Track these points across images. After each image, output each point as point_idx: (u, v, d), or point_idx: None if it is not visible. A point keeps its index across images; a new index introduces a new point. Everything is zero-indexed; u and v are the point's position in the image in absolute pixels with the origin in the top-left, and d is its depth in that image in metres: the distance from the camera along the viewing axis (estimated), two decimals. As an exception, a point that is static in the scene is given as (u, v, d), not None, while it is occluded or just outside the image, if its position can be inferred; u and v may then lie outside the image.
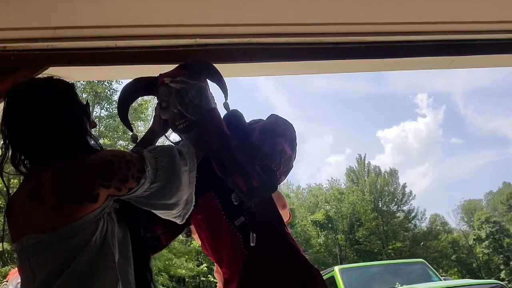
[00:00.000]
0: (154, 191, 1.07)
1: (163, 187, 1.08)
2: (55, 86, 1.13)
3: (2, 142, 1.10)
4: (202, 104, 1.34)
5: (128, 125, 1.53)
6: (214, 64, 1.45)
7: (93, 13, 1.62)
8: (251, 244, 1.28)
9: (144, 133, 1.52)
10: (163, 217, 1.17)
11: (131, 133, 1.50)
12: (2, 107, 1.11)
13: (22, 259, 0.98)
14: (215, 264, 1.52)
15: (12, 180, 17.21)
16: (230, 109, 1.41)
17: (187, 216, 1.18)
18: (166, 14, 1.67)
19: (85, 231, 0.96)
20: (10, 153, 1.09)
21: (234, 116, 1.42)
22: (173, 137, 1.57)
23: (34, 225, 0.97)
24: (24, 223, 0.99)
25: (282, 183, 1.51)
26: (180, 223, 1.21)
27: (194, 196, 1.19)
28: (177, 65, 1.47)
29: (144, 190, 1.06)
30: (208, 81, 1.44)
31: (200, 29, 1.72)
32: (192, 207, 1.20)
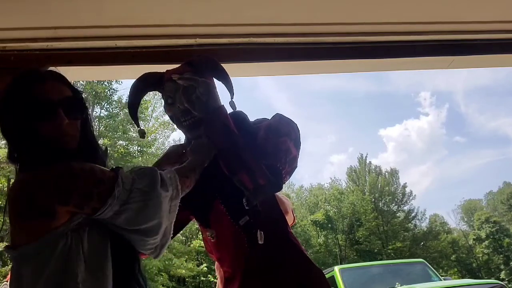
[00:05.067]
0: (126, 215, 0.98)
1: (136, 210, 0.98)
2: (12, 86, 1.07)
3: None
4: (209, 101, 1.33)
5: (136, 121, 1.53)
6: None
7: (93, 13, 1.62)
8: (260, 242, 1.28)
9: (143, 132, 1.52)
10: (140, 248, 1.06)
11: (138, 129, 1.51)
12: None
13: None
14: (216, 261, 1.53)
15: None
16: (236, 107, 1.41)
17: (163, 251, 1.11)
18: (166, 14, 1.67)
19: (47, 250, 0.90)
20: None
21: (239, 115, 1.42)
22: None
23: (9, 236, 0.96)
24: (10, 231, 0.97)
25: (286, 183, 1.51)
26: (155, 258, 1.15)
27: (172, 228, 1.10)
28: (177, 65, 1.47)
29: (113, 212, 0.97)
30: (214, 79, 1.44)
31: (200, 29, 1.72)
32: (170, 241, 1.11)
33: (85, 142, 1.09)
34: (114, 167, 1.06)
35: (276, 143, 1.31)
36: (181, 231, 1.86)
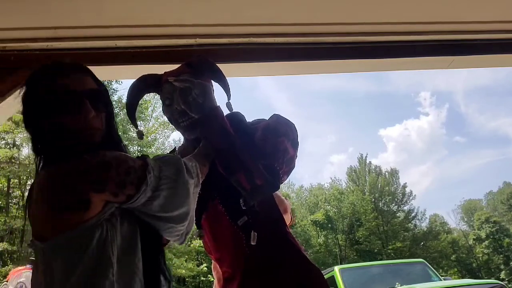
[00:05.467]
0: (158, 201, 0.98)
1: (167, 197, 0.99)
2: (36, 78, 1.05)
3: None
4: (205, 103, 1.33)
5: (134, 122, 1.54)
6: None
7: (93, 13, 1.62)
8: (252, 243, 1.28)
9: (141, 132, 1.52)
10: (166, 236, 1.07)
11: (136, 130, 1.51)
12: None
13: (35, 256, 0.94)
14: (213, 262, 1.53)
15: (12, 180, 17.23)
16: (233, 109, 1.42)
17: (188, 237, 1.12)
18: (166, 14, 1.67)
19: (81, 241, 0.88)
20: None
21: (236, 116, 1.43)
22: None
23: (35, 230, 0.92)
24: (31, 224, 0.94)
25: (283, 183, 1.51)
26: (179, 244, 1.15)
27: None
28: (177, 65, 1.47)
29: (146, 198, 0.97)
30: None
31: (200, 29, 1.72)
32: (193, 227, 1.12)
33: (109, 136, 1.08)
34: (139, 155, 1.06)
35: (274, 143, 1.31)
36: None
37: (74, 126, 0.99)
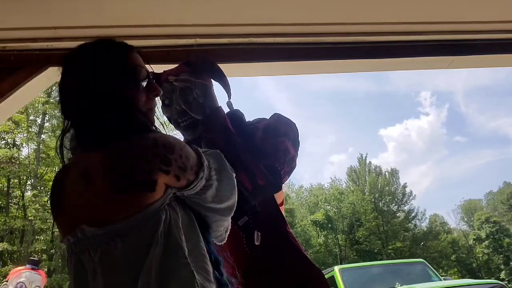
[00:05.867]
0: (210, 191, 0.95)
1: (217, 188, 0.96)
2: (106, 52, 1.01)
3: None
4: (206, 103, 1.33)
5: None
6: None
7: (93, 13, 1.62)
8: (256, 243, 1.28)
9: None
10: (213, 230, 1.03)
11: None
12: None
13: (78, 251, 0.86)
14: None
15: (12, 180, 17.22)
16: (234, 108, 1.41)
17: (227, 235, 1.10)
18: (166, 14, 1.67)
19: (148, 225, 0.83)
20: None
21: (236, 115, 1.42)
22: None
23: (90, 215, 0.85)
24: (79, 211, 0.87)
25: (284, 183, 1.51)
26: (219, 243, 1.10)
27: None
28: (176, 65, 1.47)
29: (201, 187, 0.94)
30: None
31: (200, 29, 1.72)
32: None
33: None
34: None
35: (275, 143, 1.31)
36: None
37: (144, 105, 0.99)
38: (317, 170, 53.70)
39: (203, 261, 0.90)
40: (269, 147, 1.30)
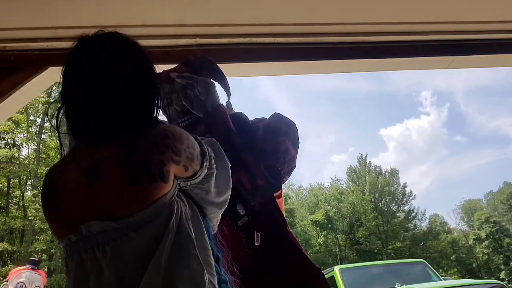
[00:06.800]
0: (211, 181, 0.96)
1: (217, 178, 0.98)
2: (127, 45, 1.04)
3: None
4: (208, 100, 1.33)
5: None
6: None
7: (93, 13, 1.62)
8: (256, 244, 1.28)
9: None
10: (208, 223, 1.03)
11: None
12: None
13: (81, 250, 0.85)
14: None
15: (12, 180, 17.21)
16: (232, 107, 1.41)
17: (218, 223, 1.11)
18: (166, 14, 1.67)
19: (161, 217, 0.84)
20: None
21: (239, 116, 1.42)
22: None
23: (99, 211, 0.83)
24: (82, 208, 0.85)
25: (284, 183, 1.51)
26: (213, 232, 1.11)
27: None
28: (176, 65, 1.47)
29: (203, 176, 0.95)
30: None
31: (200, 29, 1.72)
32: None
33: None
34: None
35: (275, 143, 1.31)
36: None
37: (159, 98, 1.01)
38: (317, 170, 53.72)
39: (206, 254, 0.90)
40: (269, 147, 1.30)
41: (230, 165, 1.04)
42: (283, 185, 1.39)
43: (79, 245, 0.85)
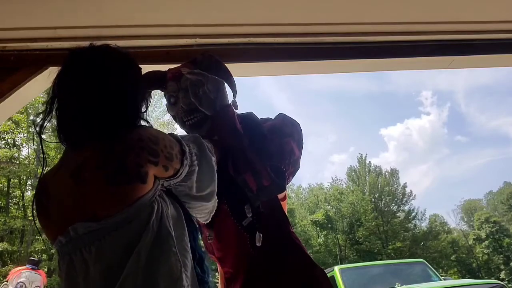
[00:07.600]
0: (193, 177, 1.00)
1: (199, 173, 1.01)
2: (114, 55, 1.06)
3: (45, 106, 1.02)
4: (217, 99, 1.31)
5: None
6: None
7: (93, 13, 1.62)
8: (257, 244, 1.28)
9: None
10: (196, 214, 1.09)
11: None
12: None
13: (71, 251, 0.89)
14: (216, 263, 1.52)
15: (12, 180, 17.22)
16: (238, 107, 1.40)
17: (211, 215, 1.14)
18: (166, 14, 1.67)
19: (141, 216, 0.87)
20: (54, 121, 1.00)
21: (250, 117, 1.41)
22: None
23: (83, 212, 0.87)
24: (70, 211, 0.89)
25: (288, 184, 1.50)
26: (204, 222, 1.16)
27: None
28: (177, 65, 1.46)
29: (185, 174, 0.98)
30: None
31: (200, 29, 1.72)
32: (216, 205, 1.13)
33: None
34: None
35: (280, 144, 1.30)
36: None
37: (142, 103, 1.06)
38: (317, 170, 53.76)
39: (184, 255, 0.93)
40: (274, 147, 1.29)
41: (214, 159, 1.07)
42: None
43: (68, 247, 0.89)
